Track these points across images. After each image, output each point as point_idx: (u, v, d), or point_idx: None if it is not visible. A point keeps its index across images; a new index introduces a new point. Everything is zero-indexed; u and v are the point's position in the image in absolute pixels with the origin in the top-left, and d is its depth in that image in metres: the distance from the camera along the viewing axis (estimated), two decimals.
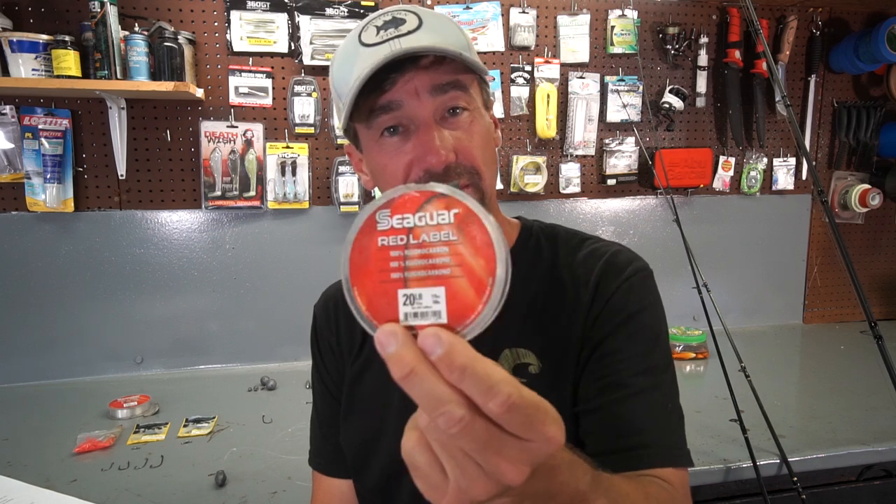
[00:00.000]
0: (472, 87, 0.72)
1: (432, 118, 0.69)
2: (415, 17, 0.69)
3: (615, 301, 0.74)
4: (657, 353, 0.75)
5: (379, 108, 0.69)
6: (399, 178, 0.71)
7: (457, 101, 0.69)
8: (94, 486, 1.22)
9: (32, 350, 1.82)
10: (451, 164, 0.69)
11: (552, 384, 0.74)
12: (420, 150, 0.69)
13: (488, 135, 0.74)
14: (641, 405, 0.71)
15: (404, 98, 0.68)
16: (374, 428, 0.82)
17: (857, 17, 2.31)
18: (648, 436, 0.70)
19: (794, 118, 1.21)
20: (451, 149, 0.69)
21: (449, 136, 0.69)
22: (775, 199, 2.35)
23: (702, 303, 1.44)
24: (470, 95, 0.71)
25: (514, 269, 0.80)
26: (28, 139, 1.74)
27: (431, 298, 0.35)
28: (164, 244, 1.89)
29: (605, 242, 0.82)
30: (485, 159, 0.72)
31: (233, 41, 1.85)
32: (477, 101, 0.73)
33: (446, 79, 0.68)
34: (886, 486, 1.51)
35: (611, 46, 2.12)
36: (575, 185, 2.15)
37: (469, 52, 0.69)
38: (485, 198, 0.72)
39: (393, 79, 0.67)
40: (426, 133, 0.68)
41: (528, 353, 0.76)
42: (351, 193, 1.96)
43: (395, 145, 0.71)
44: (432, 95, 0.68)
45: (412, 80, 0.67)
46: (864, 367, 1.86)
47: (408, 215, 0.36)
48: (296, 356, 1.97)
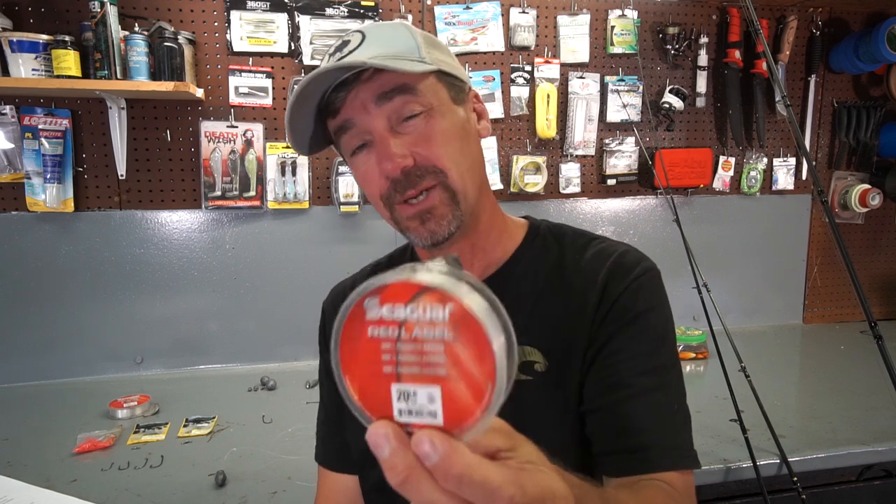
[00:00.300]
0: (423, 86, 0.71)
1: (384, 127, 0.70)
2: (359, 35, 0.72)
3: (622, 301, 0.74)
4: (663, 354, 0.75)
5: (338, 129, 0.72)
6: (375, 192, 0.73)
7: (407, 105, 0.70)
8: (94, 486, 1.22)
9: (32, 350, 1.82)
10: (410, 169, 0.70)
11: (558, 382, 0.75)
12: (378, 161, 0.71)
13: (455, 129, 0.73)
14: (644, 405, 0.71)
15: (354, 114, 0.70)
16: None
17: (857, 17, 2.31)
18: (650, 436, 0.70)
19: (794, 118, 1.21)
20: (406, 153, 0.69)
21: (403, 141, 0.70)
22: (775, 199, 2.35)
23: (702, 303, 1.44)
24: (421, 95, 0.70)
25: (520, 268, 0.78)
26: (28, 139, 1.74)
27: (427, 397, 0.34)
28: (164, 244, 1.89)
29: (613, 242, 0.82)
30: (451, 156, 0.71)
31: (233, 41, 1.85)
32: (435, 98, 0.72)
33: (389, 85, 0.69)
34: (886, 486, 1.51)
35: (611, 46, 2.12)
36: (575, 185, 2.15)
37: (418, 53, 0.70)
38: (456, 195, 0.72)
39: (342, 97, 0.70)
40: (380, 143, 0.70)
41: (534, 351, 0.76)
42: (351, 193, 1.96)
43: (363, 160, 0.73)
44: (378, 105, 0.69)
45: (357, 94, 0.69)
46: (864, 367, 1.86)
47: (399, 306, 0.33)
48: (296, 356, 1.97)
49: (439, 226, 0.72)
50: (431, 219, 0.72)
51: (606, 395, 0.72)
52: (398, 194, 0.71)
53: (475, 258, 0.81)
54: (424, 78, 0.71)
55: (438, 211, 0.72)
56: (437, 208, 0.72)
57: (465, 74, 0.78)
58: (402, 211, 0.73)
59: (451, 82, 0.75)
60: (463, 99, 0.76)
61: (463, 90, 0.77)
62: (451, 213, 0.72)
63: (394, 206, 0.73)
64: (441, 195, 0.72)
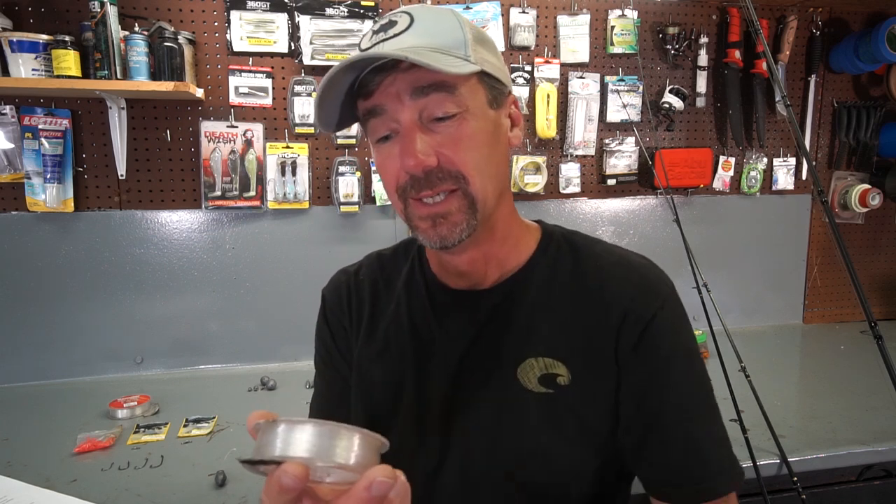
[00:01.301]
0: (463, 86, 0.68)
1: (414, 121, 0.68)
2: (407, 17, 0.69)
3: (653, 330, 0.73)
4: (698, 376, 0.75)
5: (367, 111, 0.70)
6: (392, 181, 0.72)
7: (441, 104, 0.68)
8: (94, 486, 1.22)
9: (32, 350, 1.82)
10: (432, 169, 0.68)
11: (582, 398, 0.74)
12: (401, 155, 0.69)
13: (484, 136, 0.71)
14: (693, 432, 0.73)
15: (387, 102, 0.68)
16: (387, 415, 0.81)
17: (857, 17, 2.31)
18: (712, 464, 0.73)
19: (794, 118, 1.21)
20: (430, 153, 0.68)
21: (430, 141, 0.68)
22: (775, 199, 2.35)
23: (702, 303, 1.44)
24: (458, 96, 0.68)
25: (535, 276, 0.79)
26: (28, 139, 1.74)
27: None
28: (164, 244, 1.89)
29: (628, 253, 0.81)
30: (476, 163, 0.70)
31: (233, 41, 1.85)
32: (472, 100, 0.70)
33: (427, 80, 0.66)
34: (886, 486, 1.51)
35: (611, 46, 2.12)
36: (575, 185, 2.15)
37: (465, 50, 0.68)
38: (475, 203, 0.70)
39: (377, 81, 0.67)
40: (406, 137, 0.68)
41: (557, 364, 0.75)
42: (351, 193, 1.96)
43: (387, 150, 0.71)
44: (413, 98, 0.67)
45: (393, 83, 0.67)
46: (864, 367, 1.86)
47: None
48: (296, 356, 1.97)
49: (451, 232, 0.70)
50: (444, 223, 0.70)
51: (650, 426, 0.73)
52: (414, 191, 0.69)
53: (489, 266, 0.79)
54: (466, 79, 0.69)
55: (453, 217, 0.70)
56: (452, 214, 0.70)
57: (508, 77, 0.76)
58: (416, 208, 0.71)
59: (492, 85, 0.72)
60: (501, 103, 0.74)
61: (502, 94, 0.74)
62: (466, 221, 0.70)
63: (408, 201, 0.71)
64: (459, 201, 0.70)
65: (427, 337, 0.81)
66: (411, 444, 0.79)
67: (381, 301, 0.87)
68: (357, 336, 0.86)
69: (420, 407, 0.79)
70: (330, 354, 0.90)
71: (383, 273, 0.89)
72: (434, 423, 0.78)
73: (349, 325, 0.88)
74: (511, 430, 0.75)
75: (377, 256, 0.92)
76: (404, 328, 0.83)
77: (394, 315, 0.84)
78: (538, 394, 0.74)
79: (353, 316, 0.87)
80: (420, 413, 0.79)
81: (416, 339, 0.82)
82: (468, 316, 0.79)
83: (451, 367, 0.78)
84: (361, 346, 0.86)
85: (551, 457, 0.74)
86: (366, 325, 0.86)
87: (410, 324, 0.82)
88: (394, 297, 0.86)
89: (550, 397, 0.74)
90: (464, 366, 0.78)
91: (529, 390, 0.75)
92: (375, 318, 0.86)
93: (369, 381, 0.84)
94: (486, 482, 0.76)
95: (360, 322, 0.87)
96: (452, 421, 0.77)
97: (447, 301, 0.81)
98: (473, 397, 0.77)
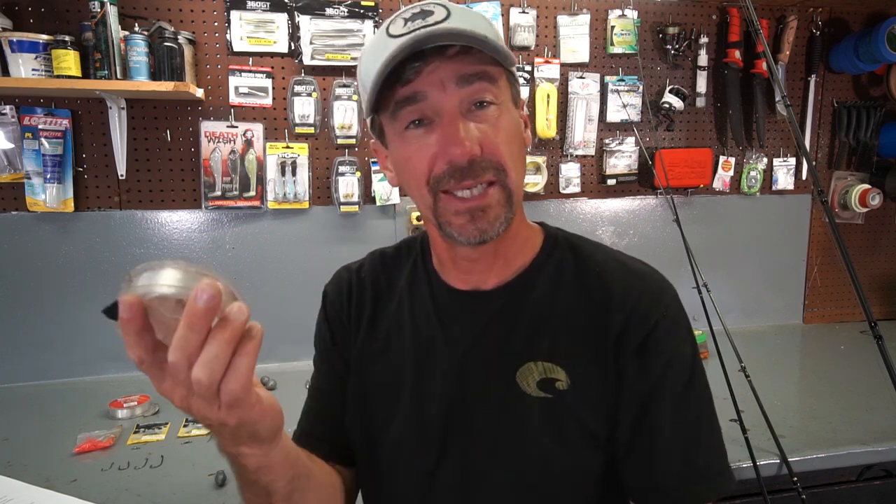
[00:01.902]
0: (500, 80, 0.69)
1: (458, 110, 0.67)
2: (443, 9, 0.68)
3: (655, 338, 0.73)
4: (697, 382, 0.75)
5: (403, 99, 0.67)
6: (423, 173, 0.69)
7: (484, 93, 0.67)
8: (94, 486, 1.22)
9: (32, 350, 1.82)
10: (476, 158, 0.67)
11: (580, 403, 0.74)
12: (444, 143, 0.67)
13: (516, 131, 0.71)
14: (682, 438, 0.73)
15: (428, 89, 0.66)
16: (386, 415, 0.81)
17: (857, 17, 2.31)
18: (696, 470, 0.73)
19: (794, 118, 1.21)
20: (476, 142, 0.67)
21: (475, 129, 0.67)
22: (775, 199, 2.35)
23: (702, 303, 1.44)
24: (498, 88, 0.69)
25: (538, 280, 0.79)
26: (28, 139, 1.74)
27: None
28: (164, 244, 1.89)
29: (630, 259, 0.81)
30: (511, 156, 0.69)
31: (233, 41, 1.85)
32: (505, 95, 0.70)
33: (473, 69, 0.66)
34: (886, 486, 1.51)
35: (611, 46, 2.12)
36: (575, 185, 2.15)
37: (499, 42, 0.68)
38: (512, 196, 0.70)
39: (417, 68, 0.65)
40: (451, 125, 0.66)
41: (556, 369, 0.74)
42: (351, 193, 1.96)
43: (419, 138, 0.68)
44: (458, 86, 0.66)
45: (437, 69, 0.65)
46: (864, 367, 1.86)
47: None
48: (296, 356, 1.97)
49: (491, 225, 0.69)
50: (484, 217, 0.69)
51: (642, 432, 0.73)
52: (454, 181, 0.67)
53: (496, 264, 0.79)
54: (503, 73, 0.69)
55: (493, 210, 0.69)
56: (492, 207, 0.69)
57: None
58: (450, 203, 0.69)
59: (514, 84, 0.74)
60: (518, 103, 0.75)
61: (519, 95, 0.75)
62: (504, 215, 0.70)
63: (439, 195, 0.69)
64: (499, 194, 0.69)
65: (428, 337, 0.81)
66: (409, 443, 0.79)
67: (383, 300, 0.86)
68: (357, 333, 0.86)
69: (419, 407, 0.79)
70: (327, 350, 0.90)
71: (385, 271, 0.88)
72: (433, 423, 0.78)
73: (348, 321, 0.87)
74: (511, 433, 0.75)
75: (380, 255, 0.91)
76: (405, 328, 0.82)
77: (395, 314, 0.84)
78: (537, 398, 0.74)
79: (353, 313, 0.87)
80: (419, 413, 0.79)
81: (417, 338, 0.81)
82: (470, 317, 0.79)
83: (451, 368, 0.78)
84: (362, 344, 0.85)
85: (551, 461, 0.73)
86: (366, 323, 0.86)
87: (412, 323, 0.82)
88: (396, 297, 0.85)
89: (549, 402, 0.74)
90: (464, 367, 0.78)
91: (528, 394, 0.75)
92: (377, 317, 0.86)
93: (369, 380, 0.84)
94: (486, 484, 0.76)
95: (360, 320, 0.86)
96: (451, 422, 0.77)
97: (449, 301, 0.81)
98: (473, 399, 0.77)
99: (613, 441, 0.75)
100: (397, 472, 0.81)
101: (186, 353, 0.46)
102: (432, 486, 0.78)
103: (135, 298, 0.46)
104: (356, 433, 0.85)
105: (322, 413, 0.89)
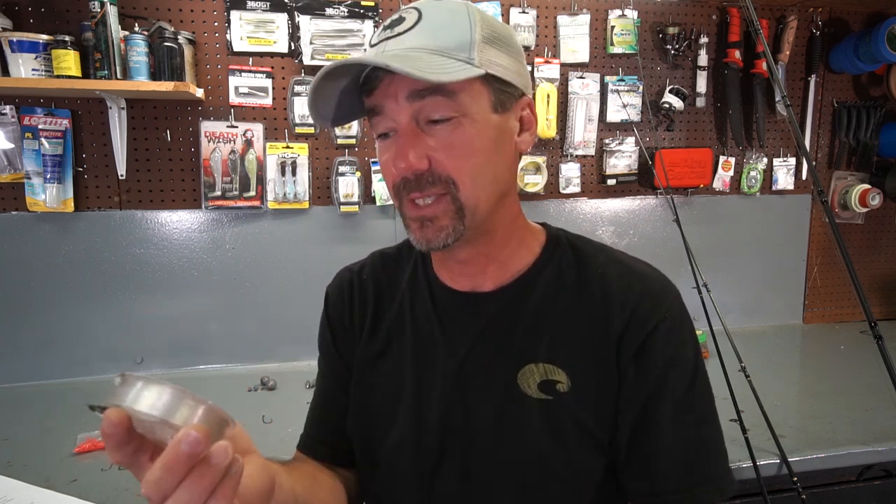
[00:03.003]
0: (463, 90, 0.67)
1: (409, 124, 0.69)
2: (416, 14, 0.68)
3: (656, 341, 0.73)
4: (698, 385, 0.75)
5: (369, 109, 0.71)
6: (389, 180, 0.73)
7: (437, 108, 0.67)
8: (94, 486, 1.22)
9: (32, 350, 1.82)
10: (423, 173, 0.69)
11: (581, 405, 0.74)
12: (393, 156, 0.70)
13: (483, 141, 0.69)
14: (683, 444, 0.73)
15: (385, 102, 0.69)
16: (386, 416, 0.81)
17: (857, 17, 2.31)
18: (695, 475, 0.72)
19: (794, 118, 1.21)
20: (422, 157, 0.68)
21: (423, 144, 0.68)
22: (775, 199, 2.35)
23: (702, 303, 1.44)
24: (456, 100, 0.67)
25: (539, 281, 0.79)
26: (28, 139, 1.74)
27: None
28: (164, 244, 1.89)
29: (632, 260, 0.80)
30: (470, 169, 0.69)
31: (233, 41, 1.85)
32: (473, 104, 0.68)
33: (423, 84, 0.65)
34: (886, 486, 1.51)
35: (611, 46, 2.12)
36: (575, 185, 2.15)
37: (469, 52, 0.66)
38: (463, 209, 0.70)
39: (378, 80, 0.68)
40: (401, 138, 0.69)
41: (557, 371, 0.74)
42: (351, 193, 1.96)
43: (385, 148, 0.72)
44: (409, 101, 0.67)
45: (392, 83, 0.68)
46: (864, 367, 1.86)
47: None
48: (296, 356, 1.97)
49: (436, 236, 0.71)
50: (430, 227, 0.71)
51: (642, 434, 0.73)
52: (406, 191, 0.71)
53: (489, 267, 0.78)
54: (468, 83, 0.67)
55: (439, 221, 0.70)
56: (438, 218, 0.70)
57: (523, 79, 0.74)
58: (408, 209, 0.72)
59: (500, 88, 0.71)
60: (508, 107, 0.72)
61: (512, 97, 0.73)
62: (452, 227, 0.70)
63: (403, 200, 0.72)
64: (447, 206, 0.70)
65: (429, 338, 0.81)
66: (409, 445, 0.79)
67: (384, 300, 0.86)
68: (360, 335, 0.86)
69: (419, 409, 0.79)
70: (329, 352, 0.90)
71: (386, 272, 0.88)
72: (433, 424, 0.78)
73: (350, 323, 0.87)
74: (511, 435, 0.75)
75: (380, 255, 0.91)
76: (406, 328, 0.82)
77: (396, 315, 0.84)
78: (538, 400, 0.74)
79: (355, 315, 0.87)
80: (418, 415, 0.79)
81: (417, 339, 0.81)
82: (470, 318, 0.79)
83: (452, 369, 0.78)
84: (364, 346, 0.85)
85: (551, 462, 0.73)
86: (369, 324, 0.86)
87: (413, 324, 0.82)
88: (397, 297, 0.85)
89: (550, 404, 0.74)
90: (465, 368, 0.78)
91: (529, 396, 0.75)
92: (378, 318, 0.86)
93: (370, 382, 0.84)
94: (486, 486, 0.76)
95: (363, 321, 0.86)
96: (451, 424, 0.77)
97: (450, 303, 0.81)
98: (474, 400, 0.77)
99: (614, 443, 0.75)
100: (397, 475, 0.81)
101: (160, 492, 0.44)
102: (432, 487, 0.78)
103: (119, 415, 0.44)
104: (357, 436, 0.85)
105: (325, 416, 0.90)
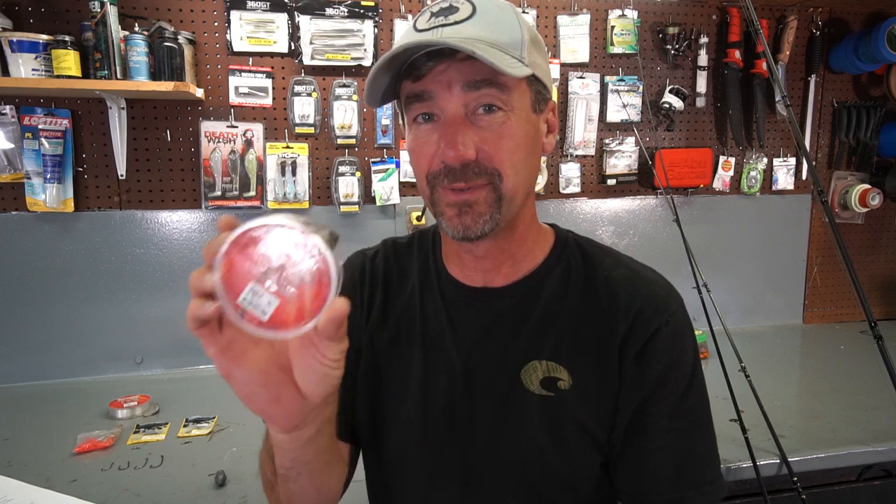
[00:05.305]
0: (514, 87, 0.69)
1: (460, 113, 0.68)
2: (469, 5, 0.68)
3: (657, 344, 0.74)
4: (695, 389, 0.76)
5: (413, 95, 0.70)
6: (424, 167, 0.71)
7: (489, 99, 0.68)
8: (94, 486, 1.22)
9: (32, 350, 1.82)
10: (469, 163, 0.68)
11: (581, 403, 0.75)
12: (442, 144, 0.69)
13: (524, 138, 0.71)
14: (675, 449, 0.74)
15: (436, 89, 0.68)
16: (393, 403, 0.82)
17: (857, 17, 2.31)
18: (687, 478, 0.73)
19: (794, 118, 1.21)
20: (471, 147, 0.68)
21: (473, 134, 0.68)
22: (775, 199, 2.35)
23: (702, 303, 1.44)
24: (508, 95, 0.68)
25: (547, 280, 0.80)
26: (28, 139, 1.74)
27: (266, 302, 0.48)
28: (164, 244, 1.89)
29: (638, 265, 0.81)
30: (513, 162, 0.70)
31: (233, 41, 1.85)
32: (518, 102, 0.70)
33: (481, 75, 0.66)
34: (886, 486, 1.51)
35: (611, 46, 2.12)
36: (575, 185, 2.15)
37: (521, 51, 0.67)
38: (502, 199, 0.70)
39: (429, 67, 0.67)
40: (450, 127, 0.68)
41: (560, 369, 0.75)
42: (351, 193, 1.96)
43: (425, 133, 0.71)
44: (464, 91, 0.67)
45: (446, 71, 0.67)
46: (864, 367, 1.86)
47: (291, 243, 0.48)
48: None
49: (475, 222, 0.70)
50: (470, 213, 0.70)
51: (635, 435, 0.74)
52: (447, 180, 0.69)
53: (504, 263, 0.79)
54: (518, 81, 0.69)
55: (479, 207, 0.70)
56: (478, 204, 0.70)
57: (551, 82, 0.76)
58: (444, 195, 0.71)
59: (538, 90, 0.73)
60: (541, 108, 0.74)
61: (545, 99, 0.74)
62: (490, 214, 0.70)
63: (436, 188, 0.71)
64: (488, 194, 0.70)
65: (437, 331, 0.81)
66: (414, 435, 0.80)
67: (394, 289, 0.87)
68: (368, 317, 0.86)
69: (424, 401, 0.80)
70: None
71: (398, 261, 0.88)
72: (437, 416, 0.79)
73: (360, 303, 0.87)
74: (512, 430, 0.76)
75: (392, 244, 0.91)
76: (415, 320, 0.83)
77: (406, 305, 0.85)
78: (539, 396, 0.75)
79: (365, 297, 0.87)
80: (424, 405, 0.80)
81: (425, 331, 0.82)
82: (478, 314, 0.80)
83: (457, 363, 0.79)
84: (372, 330, 0.85)
85: (550, 459, 0.74)
86: (378, 310, 0.86)
87: (422, 316, 0.83)
88: (407, 288, 0.86)
89: (551, 400, 0.75)
90: (470, 363, 0.78)
91: (531, 392, 0.75)
92: (388, 306, 0.86)
93: (378, 368, 0.85)
94: (486, 479, 0.77)
95: (371, 305, 0.86)
96: (454, 416, 0.78)
97: (457, 297, 0.82)
98: (478, 394, 0.78)
99: (610, 442, 0.75)
100: (401, 461, 0.82)
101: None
102: (434, 477, 0.79)
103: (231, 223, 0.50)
104: (364, 418, 0.85)
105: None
